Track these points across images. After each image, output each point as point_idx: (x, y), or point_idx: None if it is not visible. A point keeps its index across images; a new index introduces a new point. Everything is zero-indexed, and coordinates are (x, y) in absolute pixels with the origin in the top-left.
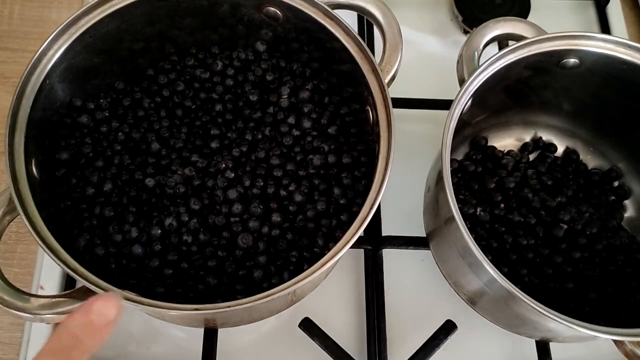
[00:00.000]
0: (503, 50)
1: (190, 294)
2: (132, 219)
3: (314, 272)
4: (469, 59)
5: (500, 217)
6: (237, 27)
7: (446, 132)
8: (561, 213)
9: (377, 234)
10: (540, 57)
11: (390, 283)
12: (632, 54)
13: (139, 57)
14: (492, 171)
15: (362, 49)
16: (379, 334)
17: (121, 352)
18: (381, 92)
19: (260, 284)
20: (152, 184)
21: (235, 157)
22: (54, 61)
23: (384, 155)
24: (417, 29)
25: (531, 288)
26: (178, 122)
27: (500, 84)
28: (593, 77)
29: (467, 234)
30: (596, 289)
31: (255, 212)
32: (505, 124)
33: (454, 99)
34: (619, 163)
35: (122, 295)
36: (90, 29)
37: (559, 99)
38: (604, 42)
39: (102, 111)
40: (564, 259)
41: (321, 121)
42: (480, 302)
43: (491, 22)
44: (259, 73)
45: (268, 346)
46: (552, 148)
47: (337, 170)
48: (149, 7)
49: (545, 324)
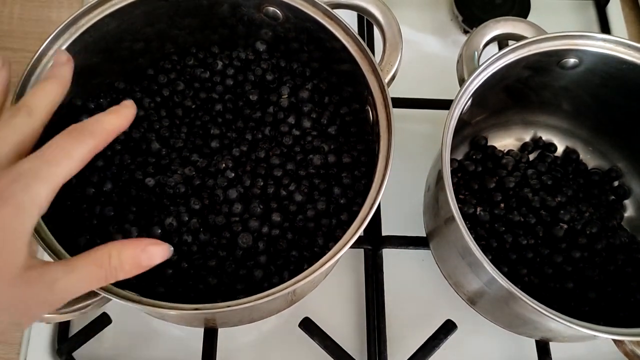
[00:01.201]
0: (503, 50)
1: (190, 294)
2: (132, 219)
3: (314, 271)
4: (469, 58)
5: (500, 217)
6: (237, 26)
7: (446, 132)
8: (561, 213)
9: (377, 233)
10: (540, 57)
11: (390, 283)
12: (631, 54)
13: (139, 56)
14: (492, 171)
15: (362, 49)
16: (379, 333)
17: (121, 352)
18: (381, 91)
19: (261, 284)
20: (152, 183)
21: (235, 156)
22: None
23: (384, 154)
24: (417, 28)
25: (531, 288)
26: (178, 121)
27: (500, 84)
28: (593, 77)
29: (467, 234)
30: (596, 288)
31: (255, 212)
32: (505, 123)
33: (454, 98)
34: (619, 163)
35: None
36: (90, 29)
37: (559, 98)
38: (603, 42)
39: (102, 111)
40: (564, 259)
41: (321, 121)
42: (480, 302)
43: (491, 22)
44: (259, 73)
45: (268, 346)
46: (552, 148)
47: (337, 170)
48: (149, 6)
49: (545, 324)
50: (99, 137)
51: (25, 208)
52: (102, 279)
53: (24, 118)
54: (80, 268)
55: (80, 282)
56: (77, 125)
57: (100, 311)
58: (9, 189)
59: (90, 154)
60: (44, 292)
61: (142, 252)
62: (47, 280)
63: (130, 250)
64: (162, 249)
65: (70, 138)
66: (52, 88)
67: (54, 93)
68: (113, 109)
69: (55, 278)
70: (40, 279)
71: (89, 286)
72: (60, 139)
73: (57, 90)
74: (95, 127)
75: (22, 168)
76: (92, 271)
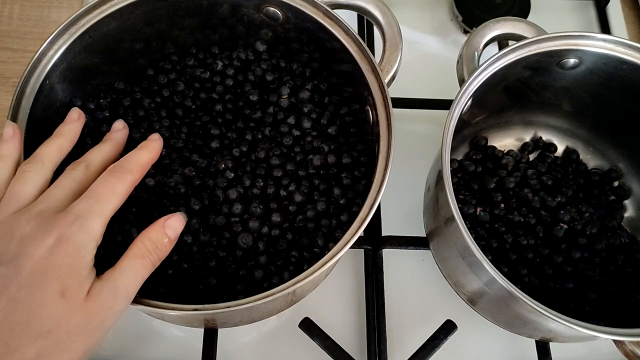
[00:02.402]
0: (503, 50)
1: (190, 294)
2: (132, 219)
3: (314, 272)
4: (469, 58)
5: (500, 217)
6: (237, 27)
7: (446, 132)
8: (561, 213)
9: (377, 234)
10: (540, 57)
11: (390, 283)
12: (631, 54)
13: (139, 57)
14: (492, 171)
15: (362, 49)
16: (379, 333)
17: (121, 352)
18: (381, 92)
19: (261, 284)
20: (152, 183)
21: (235, 157)
22: (54, 61)
23: (384, 155)
24: (417, 28)
25: (531, 288)
26: (178, 122)
27: (500, 84)
28: (593, 77)
29: (467, 234)
30: (596, 289)
31: (255, 212)
32: (505, 124)
33: (454, 98)
34: (619, 163)
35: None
36: (90, 29)
37: (559, 99)
38: (603, 42)
39: (102, 111)
40: (564, 259)
41: (321, 121)
42: (480, 302)
43: (491, 22)
44: (258, 73)
45: (268, 346)
46: (552, 148)
47: (337, 170)
48: (149, 7)
49: (545, 324)
50: (136, 173)
51: (85, 244)
52: (149, 264)
53: (81, 172)
54: (128, 266)
55: (135, 277)
56: (117, 165)
57: None
58: (70, 230)
59: (131, 188)
60: (109, 300)
61: (165, 227)
62: (108, 289)
63: (155, 232)
64: (177, 218)
65: (113, 177)
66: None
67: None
68: (143, 145)
69: (114, 284)
70: (102, 290)
71: (143, 276)
72: (106, 179)
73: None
74: (131, 164)
75: (77, 209)
76: (137, 264)
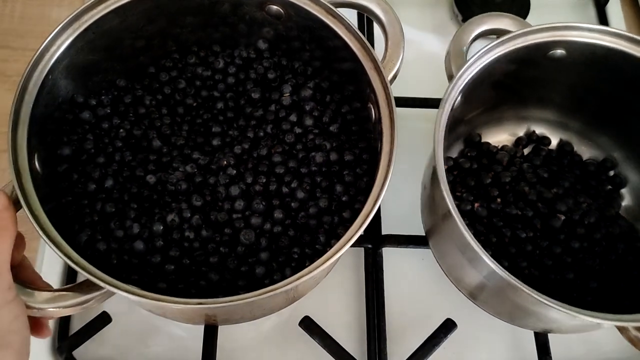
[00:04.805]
0: (489, 44)
1: (192, 290)
2: (133, 215)
3: (316, 268)
4: (456, 55)
5: (498, 212)
6: (239, 25)
7: (437, 127)
8: (558, 204)
9: (377, 232)
10: (527, 50)
11: (390, 281)
12: (618, 42)
13: (141, 54)
14: (487, 167)
15: (365, 47)
16: (379, 332)
17: (121, 351)
18: (384, 89)
19: (262, 280)
20: (154, 180)
21: (237, 154)
22: (56, 57)
23: (387, 151)
24: (417, 27)
25: (532, 280)
26: (179, 119)
27: (489, 79)
28: (581, 67)
29: (463, 227)
30: (597, 278)
31: (257, 209)
32: (498, 120)
33: (444, 95)
34: (614, 152)
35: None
36: (92, 26)
37: (549, 91)
38: (589, 32)
39: (103, 108)
40: (563, 250)
41: (323, 119)
42: (481, 296)
43: (477, 18)
44: (260, 71)
45: (268, 344)
46: (545, 141)
47: (339, 168)
48: (150, 4)
49: (547, 314)
50: None
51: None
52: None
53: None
54: None
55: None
56: None
57: (100, 310)
58: None
59: None
60: None
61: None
62: None
63: None
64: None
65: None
66: None
67: None
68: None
69: None
70: None
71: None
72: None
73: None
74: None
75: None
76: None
